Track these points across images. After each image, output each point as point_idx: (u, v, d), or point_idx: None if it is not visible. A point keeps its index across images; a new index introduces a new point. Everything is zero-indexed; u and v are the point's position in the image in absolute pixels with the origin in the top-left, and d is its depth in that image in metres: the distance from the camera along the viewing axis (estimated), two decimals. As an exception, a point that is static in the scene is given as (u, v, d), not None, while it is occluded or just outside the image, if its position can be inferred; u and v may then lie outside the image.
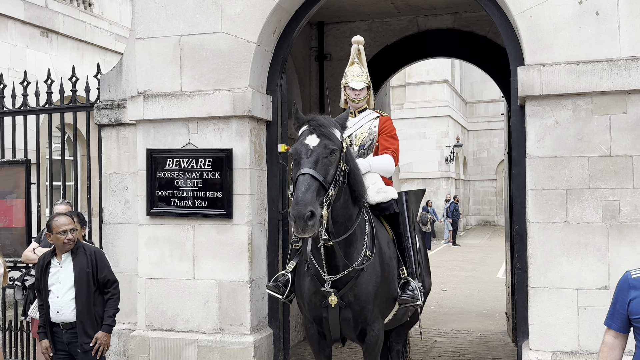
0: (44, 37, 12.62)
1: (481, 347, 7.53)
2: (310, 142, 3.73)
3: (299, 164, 3.67)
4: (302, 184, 3.50)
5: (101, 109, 6.25)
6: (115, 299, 4.61)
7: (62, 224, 4.48)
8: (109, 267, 4.62)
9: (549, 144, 4.87)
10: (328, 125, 3.84)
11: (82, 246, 4.59)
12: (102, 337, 4.50)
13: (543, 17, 4.93)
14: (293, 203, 3.48)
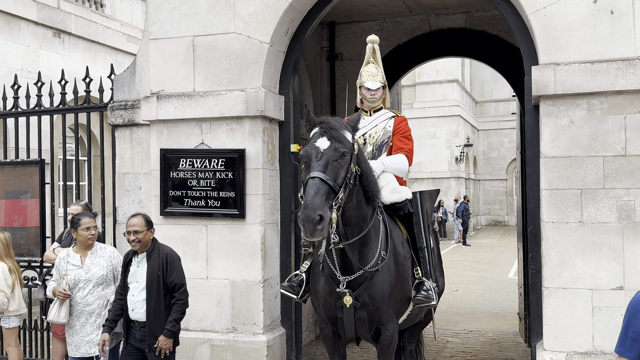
0: (57, 38, 12.71)
1: (493, 347, 7.51)
2: (320, 145, 3.72)
3: (309, 167, 3.66)
4: (312, 188, 3.50)
5: (115, 109, 6.29)
6: (180, 305, 4.56)
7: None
8: (178, 271, 4.59)
9: (564, 144, 4.85)
10: (339, 127, 3.83)
11: (158, 247, 4.62)
12: (162, 341, 4.48)
13: (557, 16, 4.91)
14: (302, 207, 3.48)
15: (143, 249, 4.58)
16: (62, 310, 4.96)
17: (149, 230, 4.54)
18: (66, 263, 5.02)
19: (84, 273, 4.96)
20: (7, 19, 11.53)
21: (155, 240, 4.65)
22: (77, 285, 4.96)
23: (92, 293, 4.95)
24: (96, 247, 5.06)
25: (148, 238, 4.54)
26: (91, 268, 4.97)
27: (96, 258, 5.01)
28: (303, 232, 3.45)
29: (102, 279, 4.97)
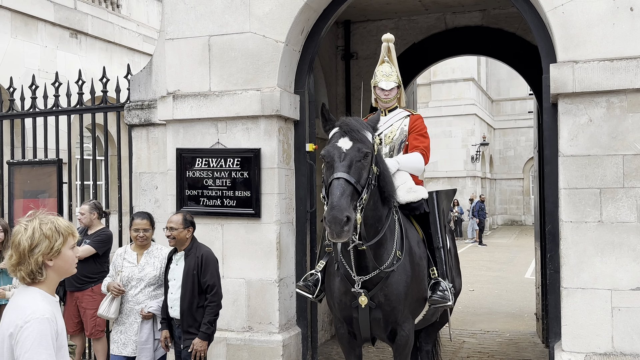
0: (73, 39, 12.82)
1: (510, 348, 7.45)
2: (343, 145, 3.70)
3: (332, 167, 3.64)
4: (337, 189, 3.48)
5: (131, 109, 6.33)
6: (213, 307, 4.55)
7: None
8: (212, 272, 4.56)
9: (583, 142, 4.79)
10: (360, 128, 3.81)
11: (197, 247, 4.63)
12: (197, 343, 4.49)
13: (576, 14, 4.85)
14: (328, 208, 3.46)
15: (180, 247, 4.61)
16: (113, 306, 4.97)
17: (185, 229, 4.56)
18: (122, 259, 5.02)
19: (138, 271, 4.92)
20: (25, 19, 11.65)
21: (194, 239, 4.66)
22: (129, 283, 4.93)
23: (143, 292, 4.90)
24: (153, 247, 5.03)
25: (184, 236, 4.56)
26: (145, 267, 4.93)
27: (151, 258, 4.97)
28: (329, 234, 3.44)
29: (154, 279, 4.92)
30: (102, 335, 6.06)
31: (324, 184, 3.73)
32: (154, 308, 4.83)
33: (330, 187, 3.53)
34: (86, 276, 5.91)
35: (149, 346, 4.84)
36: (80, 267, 5.80)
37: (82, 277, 5.90)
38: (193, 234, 4.68)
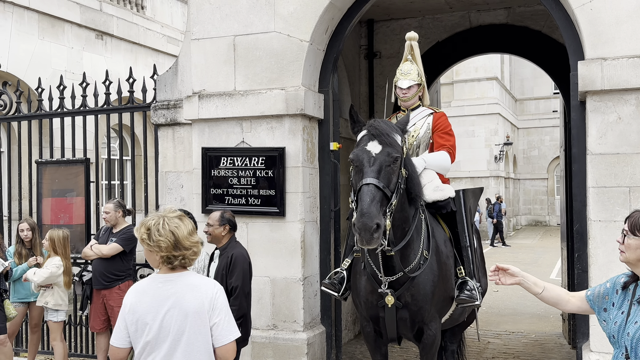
0: (99, 40, 12.99)
1: (536, 349, 7.37)
2: (372, 149, 3.68)
3: (361, 172, 3.62)
4: (367, 195, 3.47)
5: (158, 109, 6.39)
6: (234, 310, 4.29)
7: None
8: (238, 274, 4.44)
9: (611, 140, 4.72)
10: (389, 130, 3.77)
11: (232, 246, 4.57)
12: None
13: (604, 10, 4.78)
14: (358, 215, 3.44)
15: (217, 244, 4.61)
16: None
17: (221, 226, 4.54)
18: None
19: None
20: (52, 21, 11.84)
21: (232, 239, 4.62)
22: None
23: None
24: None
25: (219, 233, 4.56)
26: None
27: None
28: (359, 240, 3.45)
29: None
30: None
31: (353, 187, 3.72)
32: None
33: (360, 193, 3.52)
34: (113, 274, 5.99)
35: None
36: (107, 265, 5.96)
37: (109, 275, 5.97)
38: (232, 232, 4.63)
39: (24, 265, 6.27)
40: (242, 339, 4.55)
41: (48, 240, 5.97)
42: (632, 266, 2.54)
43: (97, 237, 6.18)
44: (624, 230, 2.55)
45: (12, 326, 6.35)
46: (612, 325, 2.55)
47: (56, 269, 5.91)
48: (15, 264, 6.30)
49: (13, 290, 6.31)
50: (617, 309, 2.59)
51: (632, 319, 2.48)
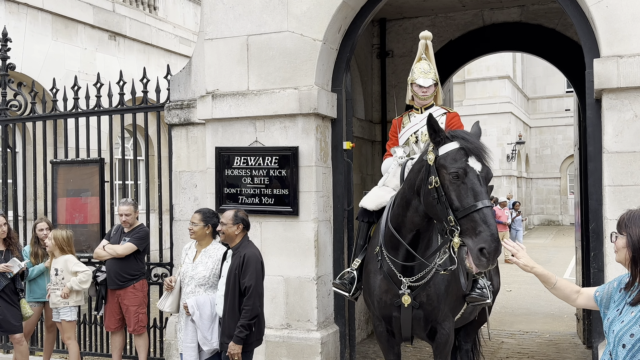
0: (112, 41, 13.08)
1: (550, 348, 7.32)
2: (476, 167, 3.59)
3: (473, 191, 3.50)
4: (492, 218, 3.41)
5: (171, 109, 6.42)
6: (247, 310, 4.35)
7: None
8: (251, 274, 4.37)
9: (628, 138, 4.69)
10: (483, 146, 3.70)
11: (244, 246, 4.52)
12: (230, 346, 4.36)
13: (620, 7, 4.74)
14: (489, 239, 3.31)
15: (231, 244, 4.57)
16: (168, 300, 4.98)
17: (235, 225, 4.49)
18: (185, 255, 5.00)
19: (191, 269, 4.81)
20: (65, 22, 11.93)
21: (245, 238, 4.58)
22: (183, 280, 4.86)
23: (194, 292, 4.76)
24: (211, 246, 4.88)
25: (232, 232, 4.50)
26: (198, 266, 4.80)
27: (206, 257, 4.83)
28: (484, 264, 3.34)
29: (204, 279, 4.76)
30: (143, 331, 6.16)
31: (453, 205, 3.52)
32: (190, 304, 4.72)
33: (484, 216, 3.39)
34: (128, 273, 6.02)
35: (193, 345, 4.73)
36: (121, 264, 5.99)
37: (123, 275, 6.01)
38: (245, 232, 4.59)
39: (40, 266, 6.32)
40: (257, 339, 4.55)
41: (52, 240, 5.99)
42: (624, 265, 2.51)
43: (109, 237, 6.21)
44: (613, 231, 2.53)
45: (28, 325, 6.41)
46: (606, 321, 2.55)
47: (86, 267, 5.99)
48: (31, 263, 6.35)
49: (29, 290, 6.36)
50: (614, 307, 2.57)
51: (621, 318, 2.46)
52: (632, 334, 2.36)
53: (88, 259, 6.87)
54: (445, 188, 3.58)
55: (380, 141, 8.22)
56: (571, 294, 2.85)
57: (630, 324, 2.38)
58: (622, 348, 2.37)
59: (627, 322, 2.40)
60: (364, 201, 4.67)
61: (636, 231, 2.41)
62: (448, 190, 3.57)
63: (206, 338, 4.68)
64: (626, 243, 2.42)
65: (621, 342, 2.38)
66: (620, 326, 2.41)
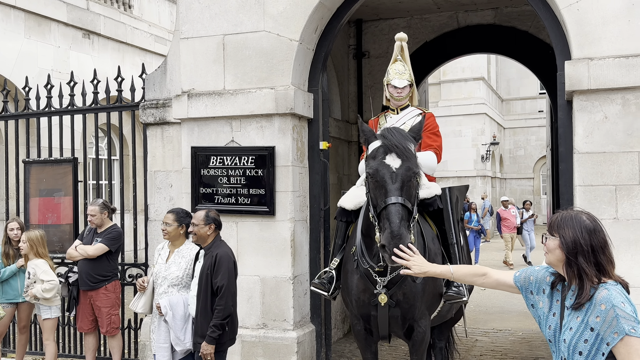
0: (86, 39, 12.92)
1: (523, 346, 7.44)
2: (392, 164, 3.66)
3: (384, 189, 3.60)
4: (396, 216, 3.48)
5: (146, 108, 6.37)
6: (220, 310, 4.31)
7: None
8: (224, 274, 4.33)
9: (598, 139, 4.79)
10: (404, 142, 3.75)
11: (216, 245, 4.47)
12: (203, 346, 4.31)
13: (591, 11, 4.84)
14: (388, 236, 3.42)
15: (203, 244, 4.51)
16: (141, 300, 4.93)
17: (207, 225, 4.44)
18: (158, 255, 4.95)
19: (164, 270, 4.77)
20: (38, 20, 11.76)
21: (217, 238, 4.53)
22: (156, 281, 4.82)
23: (168, 293, 4.72)
24: (185, 246, 4.83)
25: (204, 233, 4.45)
26: (171, 266, 4.77)
27: (179, 257, 4.79)
28: (388, 260, 3.46)
29: (177, 280, 4.72)
30: (117, 332, 6.11)
31: (372, 203, 3.69)
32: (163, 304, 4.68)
33: (388, 213, 3.51)
34: (100, 274, 5.95)
35: (166, 345, 4.71)
36: (93, 265, 5.92)
37: (95, 276, 5.93)
38: (217, 231, 4.54)
39: (12, 267, 6.22)
40: (230, 339, 4.52)
41: (27, 242, 5.90)
42: (555, 267, 2.51)
43: (82, 238, 6.14)
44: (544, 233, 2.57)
45: (0, 327, 6.31)
46: (547, 329, 2.53)
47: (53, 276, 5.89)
48: (2, 264, 6.25)
49: (1, 291, 6.26)
50: (547, 309, 2.55)
51: (567, 325, 2.43)
52: (585, 339, 2.35)
53: (61, 259, 6.80)
54: (368, 185, 3.77)
55: (357, 141, 8.27)
56: (474, 277, 2.90)
57: (580, 331, 2.37)
58: (579, 356, 2.37)
59: (576, 329, 2.39)
60: (342, 201, 4.70)
61: (569, 233, 2.42)
62: (368, 187, 3.77)
63: (179, 338, 4.63)
64: (559, 244, 2.44)
65: (577, 350, 2.37)
66: (570, 334, 2.40)
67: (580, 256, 2.40)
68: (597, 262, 2.40)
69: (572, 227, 2.43)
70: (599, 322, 2.33)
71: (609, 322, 2.30)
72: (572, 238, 2.42)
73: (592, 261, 2.39)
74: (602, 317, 2.32)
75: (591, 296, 2.37)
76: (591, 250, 2.40)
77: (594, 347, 2.34)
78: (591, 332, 2.35)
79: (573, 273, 2.42)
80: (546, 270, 2.63)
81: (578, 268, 2.40)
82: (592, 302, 2.37)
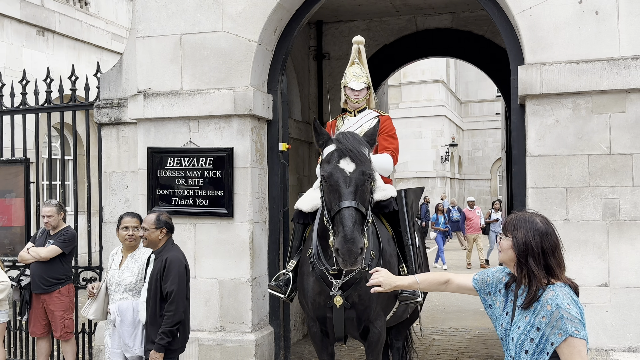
0: (40, 36, 12.58)
1: (479, 345, 7.57)
2: (345, 168, 3.69)
3: (338, 193, 3.64)
4: (349, 220, 3.51)
5: (101, 107, 6.25)
6: (169, 316, 4.15)
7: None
8: (174, 278, 4.17)
9: (549, 143, 4.91)
10: (358, 146, 3.78)
11: (167, 249, 4.32)
12: (152, 354, 4.16)
13: (543, 17, 4.96)
14: (341, 239, 3.47)
15: (154, 248, 4.37)
16: (92, 306, 4.82)
17: (158, 229, 4.30)
18: (112, 260, 4.82)
19: (117, 275, 4.68)
20: (-10, 16, 11.40)
21: (168, 242, 4.38)
22: (110, 287, 4.69)
23: (124, 299, 4.62)
24: (138, 250, 4.71)
25: (156, 237, 4.31)
26: (124, 272, 4.67)
27: (132, 263, 4.69)
28: (342, 263, 3.51)
29: (131, 285, 4.63)
30: (71, 337, 5.97)
31: (326, 207, 3.74)
32: (112, 309, 4.58)
33: (341, 217, 3.55)
34: (53, 277, 5.81)
35: (119, 351, 4.62)
36: (46, 268, 5.78)
37: (49, 279, 5.80)
38: (169, 235, 4.41)
39: None
40: (180, 346, 4.34)
41: None
42: (508, 266, 2.57)
43: (34, 240, 5.98)
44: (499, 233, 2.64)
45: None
46: (499, 327, 2.59)
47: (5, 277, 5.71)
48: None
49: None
50: (501, 308, 2.61)
51: (516, 324, 2.50)
52: (531, 338, 2.41)
53: (12, 262, 6.60)
54: (322, 189, 3.80)
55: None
56: (438, 285, 2.96)
57: (527, 330, 2.43)
58: (525, 354, 2.43)
59: (523, 327, 2.45)
60: (299, 203, 4.70)
61: (521, 234, 2.47)
62: (323, 191, 3.80)
63: (127, 345, 4.53)
64: (511, 245, 2.50)
65: (523, 348, 2.43)
66: (518, 333, 2.45)
67: (530, 258, 2.45)
68: (547, 264, 2.46)
69: (524, 229, 2.49)
70: (545, 322, 2.38)
71: (553, 322, 2.36)
72: (524, 240, 2.47)
73: (542, 263, 2.45)
74: (547, 317, 2.38)
75: (539, 297, 2.43)
76: (541, 253, 2.45)
77: (539, 346, 2.40)
78: (537, 331, 2.41)
79: (523, 274, 2.48)
80: (502, 271, 2.68)
81: (528, 269, 2.46)
82: (539, 302, 2.43)
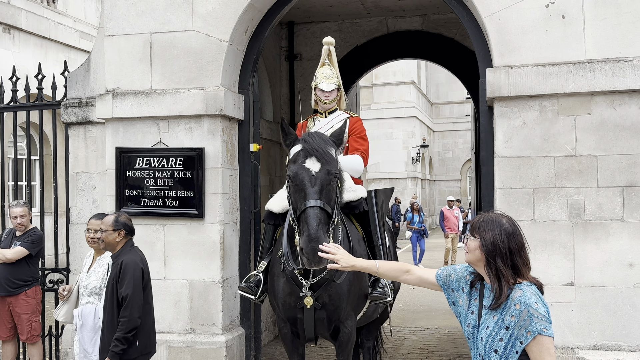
0: (6, 34, 12.33)
1: (449, 344, 7.65)
2: (311, 167, 3.71)
3: (303, 192, 3.66)
4: (313, 219, 3.52)
5: (68, 107, 6.15)
6: (124, 322, 3.94)
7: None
8: (129, 282, 3.97)
9: (517, 144, 4.99)
10: (324, 146, 3.80)
11: (124, 253, 4.14)
12: None
13: (511, 20, 5.04)
14: (306, 239, 3.49)
15: (112, 252, 4.21)
16: (63, 308, 4.73)
17: (116, 232, 4.12)
18: (84, 263, 4.71)
19: (84, 279, 4.58)
20: (-47, 12, 11.13)
21: (127, 244, 4.21)
22: (80, 290, 4.59)
23: (91, 302, 4.52)
24: (106, 254, 4.49)
25: (113, 240, 4.13)
26: (91, 275, 4.57)
27: (99, 266, 4.58)
28: (307, 263, 3.52)
29: (96, 289, 4.52)
30: (37, 340, 5.86)
31: (292, 206, 3.76)
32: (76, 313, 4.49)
33: (306, 216, 3.57)
34: (20, 279, 5.71)
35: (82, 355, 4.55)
36: (12, 270, 5.67)
37: (15, 281, 5.70)
38: (128, 237, 4.21)
39: None
40: (142, 354, 4.11)
41: None
42: (475, 266, 2.61)
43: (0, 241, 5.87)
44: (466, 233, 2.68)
45: None
46: (466, 327, 2.62)
47: None
48: None
49: None
50: (466, 307, 2.64)
51: (484, 324, 2.53)
52: (501, 338, 2.45)
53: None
54: (289, 189, 3.83)
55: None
56: (398, 273, 2.96)
57: (496, 329, 2.46)
58: (494, 354, 2.46)
59: (492, 327, 2.48)
60: (270, 204, 4.69)
61: (489, 235, 2.51)
62: (289, 191, 3.83)
63: (87, 351, 4.42)
64: (479, 245, 2.53)
65: (492, 347, 2.46)
66: (487, 333, 2.49)
67: (498, 258, 2.49)
68: (514, 264, 2.50)
69: (492, 230, 2.53)
70: (514, 322, 2.43)
71: (522, 321, 2.40)
72: (492, 240, 2.51)
73: (509, 263, 2.49)
74: (516, 316, 2.42)
75: (507, 296, 2.47)
76: (509, 253, 2.50)
77: (508, 345, 2.44)
78: (506, 330, 2.45)
79: (492, 274, 2.52)
80: (466, 269, 2.71)
81: (496, 269, 2.50)
82: (507, 302, 2.47)
